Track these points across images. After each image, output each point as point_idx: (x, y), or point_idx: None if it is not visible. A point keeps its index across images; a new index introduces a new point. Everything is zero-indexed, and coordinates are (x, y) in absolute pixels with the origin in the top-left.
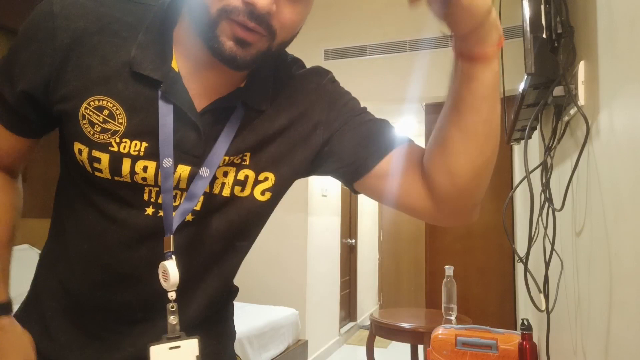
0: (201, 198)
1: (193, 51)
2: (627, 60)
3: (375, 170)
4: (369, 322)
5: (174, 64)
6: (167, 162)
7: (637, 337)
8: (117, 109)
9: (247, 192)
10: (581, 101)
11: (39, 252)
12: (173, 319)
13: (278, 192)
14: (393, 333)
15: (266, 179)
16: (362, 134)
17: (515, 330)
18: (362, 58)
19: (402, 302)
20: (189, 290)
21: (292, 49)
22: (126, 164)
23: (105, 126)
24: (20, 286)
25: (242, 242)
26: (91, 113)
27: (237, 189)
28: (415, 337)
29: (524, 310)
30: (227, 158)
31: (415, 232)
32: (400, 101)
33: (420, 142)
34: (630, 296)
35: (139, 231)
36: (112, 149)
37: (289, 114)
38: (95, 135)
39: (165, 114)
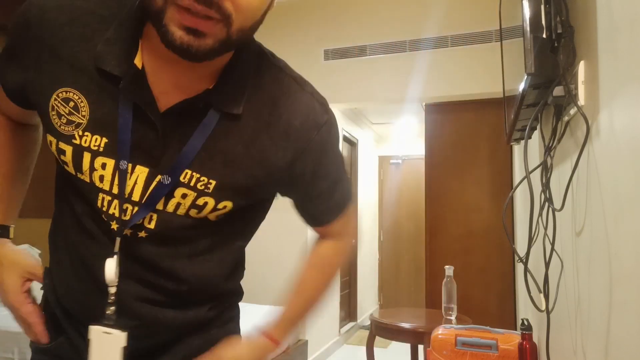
0: (154, 217)
1: (159, 46)
2: (627, 60)
3: (315, 228)
4: (369, 322)
5: (137, 60)
6: (123, 164)
7: (637, 337)
8: (81, 102)
9: (202, 215)
10: (581, 101)
11: (39, 251)
12: (111, 312)
13: (232, 214)
14: (393, 333)
15: (224, 207)
16: (325, 204)
17: (515, 330)
18: (362, 58)
19: (402, 302)
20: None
21: (292, 49)
22: (86, 159)
23: (70, 118)
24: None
25: (200, 254)
26: (59, 104)
27: (193, 211)
28: (415, 337)
29: (524, 310)
30: (189, 172)
31: (415, 232)
32: (400, 101)
33: (421, 142)
34: (630, 296)
35: (93, 236)
36: (75, 141)
37: (270, 132)
38: (61, 127)
39: (125, 112)
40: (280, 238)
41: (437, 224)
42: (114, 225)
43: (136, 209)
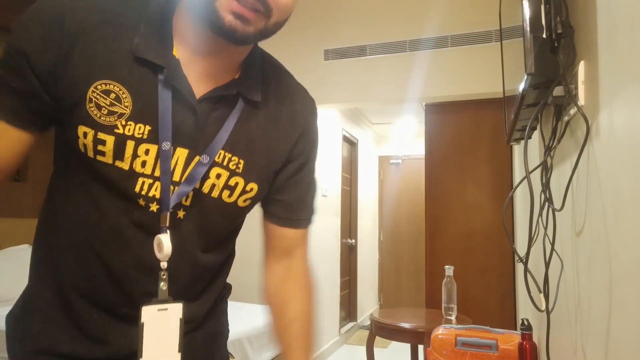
0: (190, 194)
1: (191, 39)
2: (627, 60)
3: (284, 230)
4: (369, 322)
5: (175, 52)
6: (166, 145)
7: (637, 337)
8: (123, 93)
9: (233, 199)
10: (581, 101)
11: None
12: (163, 285)
13: (256, 201)
14: (393, 333)
15: (251, 189)
16: (301, 194)
17: (515, 330)
18: (362, 58)
19: (402, 302)
20: (180, 274)
21: (293, 49)
22: (129, 146)
23: (112, 109)
24: (20, 285)
25: (223, 241)
26: (98, 96)
27: (226, 193)
28: (415, 337)
29: (524, 310)
30: (222, 152)
31: (415, 232)
32: (400, 101)
33: (420, 142)
34: (630, 296)
35: (129, 222)
36: (117, 131)
37: (279, 119)
38: (102, 118)
39: (165, 99)
40: None
41: (437, 224)
42: (154, 207)
43: (176, 188)
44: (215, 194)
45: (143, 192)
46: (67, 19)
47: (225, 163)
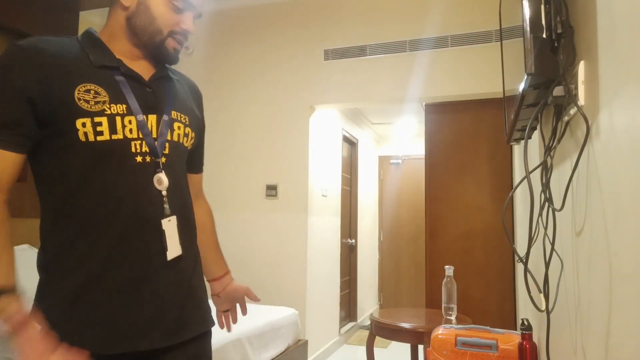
0: (167, 145)
1: (125, 49)
2: (627, 60)
3: (196, 177)
4: (369, 322)
5: (117, 56)
6: (140, 116)
7: (637, 337)
8: (98, 89)
9: (187, 144)
10: (581, 101)
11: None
12: (166, 206)
13: (193, 144)
14: (393, 333)
15: (193, 136)
16: (200, 150)
17: (515, 330)
18: (362, 58)
19: (402, 302)
20: (175, 202)
21: (293, 49)
22: (118, 121)
23: (96, 99)
24: (20, 285)
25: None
26: (83, 95)
27: (184, 139)
28: (415, 337)
29: (524, 310)
30: (174, 112)
31: (415, 232)
32: (400, 101)
33: (420, 142)
34: (630, 296)
35: (135, 173)
36: (107, 112)
37: (189, 91)
38: (92, 108)
39: (125, 87)
40: (281, 238)
41: (437, 224)
42: (148, 158)
43: (156, 142)
44: (181, 140)
45: (137, 150)
46: (34, 58)
47: (180, 119)
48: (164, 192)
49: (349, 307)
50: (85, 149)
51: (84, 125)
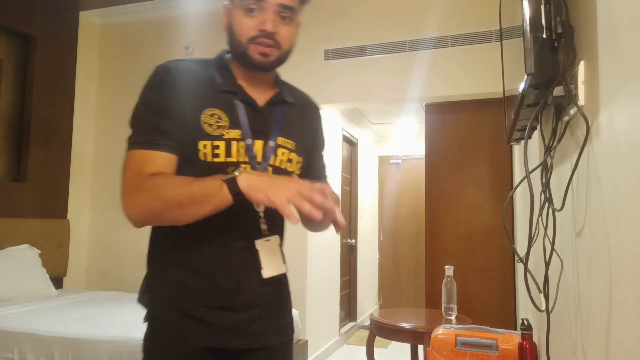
0: (269, 169)
1: (241, 73)
2: (627, 60)
3: None
4: (369, 322)
5: (238, 81)
6: (249, 141)
7: (637, 337)
8: (221, 114)
9: (291, 169)
10: (581, 101)
11: (39, 251)
12: (264, 226)
13: (301, 168)
14: (393, 333)
15: (300, 161)
16: (312, 167)
17: (515, 330)
18: (362, 58)
19: (402, 302)
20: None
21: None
22: (234, 146)
23: (218, 124)
24: (20, 285)
25: None
26: (208, 119)
27: (288, 165)
28: (415, 337)
29: (524, 310)
30: (280, 138)
31: (415, 232)
32: (400, 101)
33: (420, 142)
34: (630, 296)
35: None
36: (225, 137)
37: (305, 114)
38: (213, 132)
39: (241, 112)
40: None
41: (437, 224)
42: None
43: (259, 165)
44: (283, 165)
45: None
46: (174, 80)
47: (285, 145)
48: (261, 214)
49: (349, 307)
50: (203, 166)
51: (204, 147)
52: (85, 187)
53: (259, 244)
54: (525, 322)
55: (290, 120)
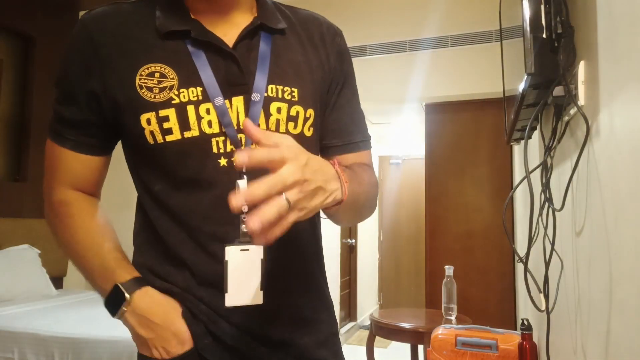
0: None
1: (201, 4)
2: (627, 60)
3: (346, 158)
4: (369, 322)
5: (193, 16)
6: (218, 100)
7: (637, 337)
8: (165, 69)
9: (298, 130)
10: (581, 101)
11: (39, 251)
12: (244, 227)
13: (317, 127)
14: (393, 333)
15: (310, 115)
16: (350, 115)
17: (515, 330)
18: (362, 58)
19: (402, 302)
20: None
21: None
22: (191, 112)
23: (162, 85)
24: (20, 285)
25: None
26: (146, 81)
27: (291, 125)
28: (415, 337)
29: (524, 310)
30: (273, 87)
31: (415, 232)
32: (400, 101)
33: (420, 142)
34: (630, 296)
35: (216, 185)
36: (174, 101)
37: (311, 42)
38: (156, 97)
39: (199, 60)
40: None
41: (437, 224)
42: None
43: (242, 135)
44: (282, 128)
45: (220, 151)
46: (94, 35)
47: (280, 95)
48: (244, 208)
49: (349, 307)
50: (161, 155)
51: (149, 122)
52: None
53: (230, 251)
54: (525, 322)
55: (284, 55)
